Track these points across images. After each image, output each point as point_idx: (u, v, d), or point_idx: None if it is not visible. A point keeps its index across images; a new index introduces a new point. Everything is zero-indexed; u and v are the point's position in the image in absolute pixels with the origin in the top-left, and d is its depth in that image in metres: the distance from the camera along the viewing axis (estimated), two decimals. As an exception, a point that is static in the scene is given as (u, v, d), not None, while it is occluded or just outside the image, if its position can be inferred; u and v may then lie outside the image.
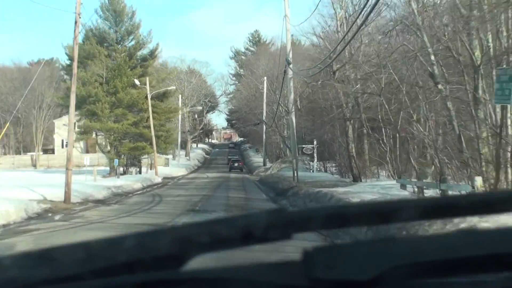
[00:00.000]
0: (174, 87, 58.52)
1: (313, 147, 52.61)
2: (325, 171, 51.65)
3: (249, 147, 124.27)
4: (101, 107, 51.69)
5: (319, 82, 39.14)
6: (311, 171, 49.44)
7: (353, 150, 33.09)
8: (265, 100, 68.50)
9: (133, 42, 57.19)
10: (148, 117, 53.12)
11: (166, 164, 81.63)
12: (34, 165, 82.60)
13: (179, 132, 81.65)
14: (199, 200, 26.73)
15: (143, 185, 41.29)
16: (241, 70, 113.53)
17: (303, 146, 58.29)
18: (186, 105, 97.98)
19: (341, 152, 43.58)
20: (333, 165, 51.74)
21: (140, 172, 57.50)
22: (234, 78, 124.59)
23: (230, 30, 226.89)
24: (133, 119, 53.11)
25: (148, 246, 1.14)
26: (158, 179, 50.36)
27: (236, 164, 77.34)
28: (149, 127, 53.27)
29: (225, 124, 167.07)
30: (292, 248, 1.59)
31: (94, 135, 56.62)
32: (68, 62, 55.00)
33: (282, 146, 78.39)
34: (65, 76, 57.02)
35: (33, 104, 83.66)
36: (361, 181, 32.91)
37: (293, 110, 36.75)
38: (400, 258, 1.10)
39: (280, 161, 63.77)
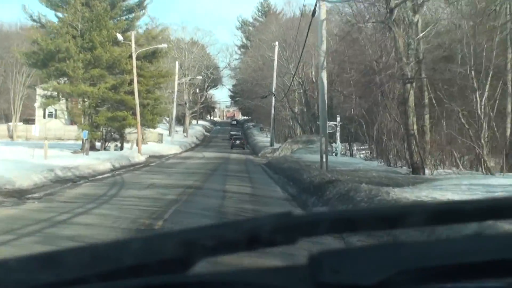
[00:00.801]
0: (165, 45, 46.81)
1: (335, 124, 41.29)
2: (351, 155, 40.22)
3: (252, 126, 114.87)
4: (73, 65, 40.50)
5: (366, 24, 27.74)
6: (334, 154, 38.30)
7: (415, 127, 21.61)
8: (275, 69, 56.97)
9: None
10: (132, 81, 41.84)
11: (160, 140, 71.25)
12: (11, 137, 71.70)
13: (175, 104, 70.09)
14: (175, 200, 15.85)
15: (113, 166, 30.61)
16: (248, 42, 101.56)
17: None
18: (185, 75, 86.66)
19: (382, 130, 32.24)
20: (362, 147, 40.27)
21: (122, 148, 46.29)
22: (239, 52, 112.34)
23: (237, 7, 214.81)
24: (112, 82, 41.72)
25: (154, 250, 1.12)
26: (141, 158, 39.42)
27: (238, 142, 71.04)
28: (132, 93, 42.00)
29: (228, 103, 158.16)
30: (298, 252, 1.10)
31: (64, 100, 45.02)
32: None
33: (292, 124, 67.21)
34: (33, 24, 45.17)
35: (12, 67, 72.27)
36: (424, 173, 21.61)
37: (324, 65, 25.40)
38: (406, 263, 1.07)
39: (291, 141, 52.59)
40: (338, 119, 41.47)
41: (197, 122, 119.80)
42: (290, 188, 20.16)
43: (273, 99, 57.62)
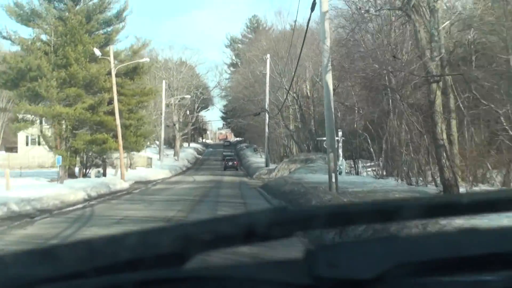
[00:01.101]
0: (147, 59, 42.61)
1: (337, 140, 37.09)
2: (357, 173, 35.97)
3: (246, 146, 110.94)
4: (46, 84, 36.29)
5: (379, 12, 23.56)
6: (338, 173, 34.11)
7: (444, 136, 17.40)
8: (267, 84, 52.85)
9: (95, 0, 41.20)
10: (112, 100, 37.68)
11: (149, 164, 67.28)
12: (-9, 166, 67.29)
13: (163, 126, 65.86)
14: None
15: (88, 196, 26.67)
16: (238, 60, 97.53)
17: (322, 138, 43.09)
18: (174, 96, 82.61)
19: (393, 142, 28.15)
20: (368, 164, 36.04)
21: (104, 175, 41.99)
22: (229, 71, 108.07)
23: (224, 27, 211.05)
24: (90, 101, 37.51)
25: (151, 244, 1.12)
26: (124, 185, 35.27)
27: (231, 163, 68.74)
28: (113, 113, 37.82)
29: (220, 124, 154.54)
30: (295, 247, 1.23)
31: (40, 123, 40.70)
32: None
33: (287, 142, 63.12)
34: None
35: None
36: (458, 192, 17.41)
37: (329, 66, 21.24)
38: (403, 257, 1.08)
39: (288, 160, 48.33)
40: (340, 133, 37.29)
41: (189, 145, 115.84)
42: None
43: (267, 116, 53.48)
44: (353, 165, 36.99)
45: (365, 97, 33.93)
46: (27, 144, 69.55)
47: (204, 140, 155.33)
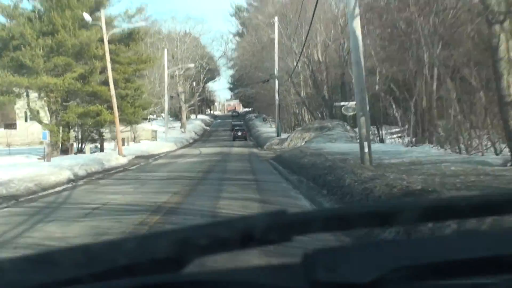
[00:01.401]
0: (143, 23, 38.60)
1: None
2: (381, 141, 31.88)
3: (255, 117, 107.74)
4: (30, 53, 32.19)
5: None
6: (357, 141, 30.11)
7: (511, 91, 13.27)
8: (276, 49, 48.47)
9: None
10: (105, 69, 33.66)
11: (154, 137, 63.69)
12: (-12, 143, 63.66)
13: (166, 97, 61.77)
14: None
15: (75, 175, 23.07)
16: (244, 29, 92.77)
17: (340, 104, 39.20)
18: (178, 68, 78.51)
19: (423, 103, 24.05)
20: (394, 130, 31.97)
21: (102, 150, 38.14)
22: (235, 41, 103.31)
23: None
24: (80, 71, 33.44)
25: (148, 249, 1.11)
26: (121, 161, 31.43)
27: (240, 133, 65.55)
28: (107, 83, 33.81)
29: (228, 95, 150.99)
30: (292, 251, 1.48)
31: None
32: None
33: (299, 110, 59.02)
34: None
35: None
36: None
37: (357, 10, 17.01)
38: (401, 260, 1.07)
39: (301, 129, 44.23)
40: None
41: (196, 117, 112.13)
42: (328, 203, 11.86)
43: (276, 82, 49.06)
44: (376, 132, 32.84)
45: (388, 55, 29.71)
46: (26, 120, 65.64)
47: (212, 112, 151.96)
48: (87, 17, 33.57)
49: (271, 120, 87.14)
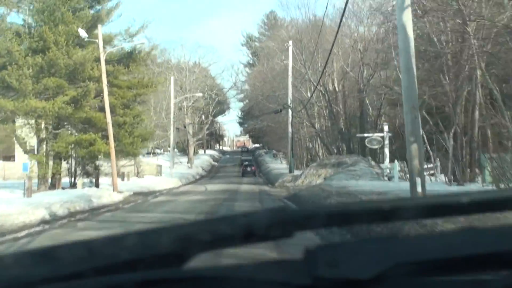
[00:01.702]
0: (143, 42, 34.38)
1: (382, 137, 29.04)
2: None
3: (264, 152, 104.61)
4: (17, 73, 28.36)
5: None
6: (387, 178, 26.03)
7: None
8: (290, 75, 44.39)
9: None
10: (101, 92, 29.79)
11: (158, 172, 59.85)
12: (-16, 176, 59.68)
13: (172, 128, 57.80)
14: None
15: (51, 215, 19.91)
16: (255, 59, 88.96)
17: (363, 135, 35.20)
18: (186, 98, 74.81)
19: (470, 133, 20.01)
20: (428, 166, 27.76)
21: (97, 185, 34.04)
22: (245, 73, 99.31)
23: (239, 27, 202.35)
24: (72, 93, 29.52)
25: (150, 244, 1.10)
26: (115, 198, 27.62)
27: (249, 169, 64.91)
28: (103, 109, 29.92)
29: (237, 130, 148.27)
30: (294, 246, 1.51)
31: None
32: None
33: (312, 145, 54.89)
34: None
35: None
36: None
37: (407, 1, 12.96)
38: (402, 257, 1.08)
39: (316, 165, 39.89)
40: (386, 128, 29.20)
41: (204, 152, 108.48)
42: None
43: (290, 113, 44.80)
44: (398, 168, 28.60)
45: (419, 76, 25.64)
46: (25, 152, 62.02)
47: (221, 147, 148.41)
48: (82, 33, 29.84)
49: (281, 156, 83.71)
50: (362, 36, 43.14)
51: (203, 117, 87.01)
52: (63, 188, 30.79)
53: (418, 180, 12.52)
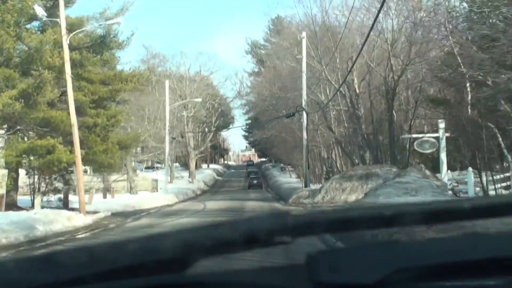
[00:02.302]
0: (119, 20, 26.34)
1: (437, 138, 21.55)
2: (484, 191, 19.86)
3: (272, 166, 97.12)
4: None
5: None
6: (454, 192, 18.48)
7: None
8: (304, 67, 36.29)
9: None
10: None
11: (154, 188, 52.62)
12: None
13: (167, 138, 50.28)
14: None
15: None
16: (261, 68, 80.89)
17: (410, 136, 28.01)
18: (186, 108, 67.50)
19: None
20: (499, 177, 20.28)
21: (66, 204, 26.58)
22: (249, 83, 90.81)
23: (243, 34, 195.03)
24: (22, 86, 22.07)
25: (152, 250, 1.09)
26: (80, 221, 21.21)
27: (255, 181, 62.50)
28: (66, 105, 22.48)
29: (243, 145, 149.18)
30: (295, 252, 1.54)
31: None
32: None
33: (328, 155, 47.22)
34: None
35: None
36: None
37: None
38: (404, 262, 1.07)
39: (340, 177, 32.06)
40: (442, 126, 21.68)
41: (208, 166, 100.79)
42: None
43: (304, 117, 36.75)
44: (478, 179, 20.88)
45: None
46: None
47: (226, 162, 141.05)
48: (39, 10, 22.70)
49: (289, 170, 76.54)
50: (389, 27, 35.51)
51: (206, 129, 79.39)
52: (17, 209, 23.36)
53: None
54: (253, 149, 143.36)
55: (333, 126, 41.50)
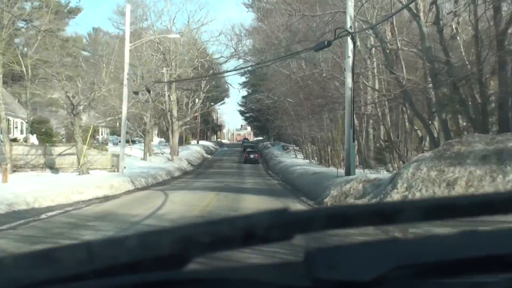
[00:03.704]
0: None
1: None
2: None
3: (271, 144, 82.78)
4: None
5: None
6: None
7: None
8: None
9: None
10: None
11: (114, 166, 36.27)
12: None
13: (125, 93, 33.13)
14: None
15: None
16: (262, 25, 63.55)
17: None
18: (170, 71, 51.00)
19: None
20: None
21: None
22: (249, 43, 72.94)
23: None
24: None
25: (150, 246, 1.07)
26: None
27: (252, 156, 59.84)
28: None
29: (238, 126, 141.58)
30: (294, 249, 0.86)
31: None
32: None
33: (374, 128, 30.58)
34: None
35: None
36: None
37: None
38: (402, 259, 1.05)
39: (434, 156, 15.36)
40: None
41: (198, 142, 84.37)
42: None
43: (349, 45, 19.40)
44: None
45: None
46: None
47: (219, 140, 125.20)
48: None
49: (295, 149, 61.13)
50: None
51: (193, 95, 62.22)
52: None
53: None
54: (248, 128, 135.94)
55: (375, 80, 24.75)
